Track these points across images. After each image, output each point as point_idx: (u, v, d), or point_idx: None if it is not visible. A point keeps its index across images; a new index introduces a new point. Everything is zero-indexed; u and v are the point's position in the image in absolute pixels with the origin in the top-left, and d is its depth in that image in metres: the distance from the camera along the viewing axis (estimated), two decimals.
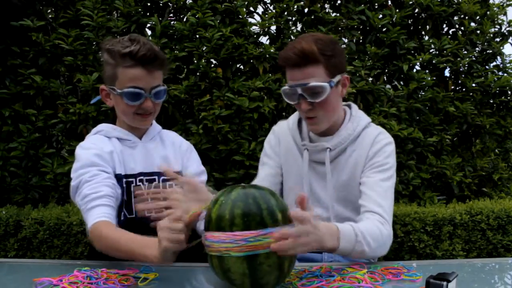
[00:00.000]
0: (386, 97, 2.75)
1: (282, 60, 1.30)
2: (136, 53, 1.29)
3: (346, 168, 1.37)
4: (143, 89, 1.32)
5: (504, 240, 2.42)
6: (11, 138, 2.54)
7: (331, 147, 1.36)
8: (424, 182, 2.73)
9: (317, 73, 1.26)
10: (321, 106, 1.30)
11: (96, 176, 1.28)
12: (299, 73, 1.27)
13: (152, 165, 1.42)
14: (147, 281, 1.04)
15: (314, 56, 1.25)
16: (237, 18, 2.68)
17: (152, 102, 1.35)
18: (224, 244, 0.89)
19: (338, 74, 1.31)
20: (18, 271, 1.22)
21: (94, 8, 2.59)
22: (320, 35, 1.33)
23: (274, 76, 2.64)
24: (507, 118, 3.01)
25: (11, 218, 2.24)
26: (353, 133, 1.37)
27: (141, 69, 1.31)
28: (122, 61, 1.31)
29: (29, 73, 2.54)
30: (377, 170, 1.32)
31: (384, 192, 1.29)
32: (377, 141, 1.36)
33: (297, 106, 1.33)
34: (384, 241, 1.20)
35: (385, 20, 2.81)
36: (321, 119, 1.33)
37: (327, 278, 1.00)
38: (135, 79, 1.31)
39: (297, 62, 1.26)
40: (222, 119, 2.51)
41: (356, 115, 1.41)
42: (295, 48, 1.26)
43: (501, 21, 3.07)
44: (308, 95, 1.28)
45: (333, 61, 1.28)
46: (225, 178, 2.47)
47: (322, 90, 1.26)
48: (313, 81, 1.26)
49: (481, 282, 1.12)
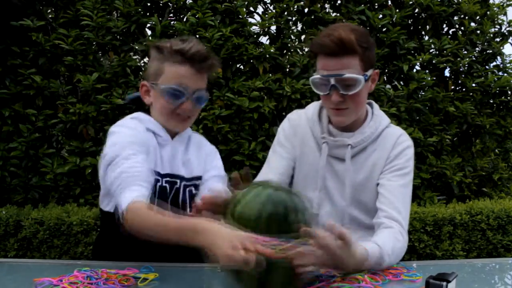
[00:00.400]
0: (386, 97, 2.75)
1: (317, 46, 1.23)
2: (187, 50, 1.25)
3: (364, 168, 1.32)
4: (186, 89, 1.27)
5: (504, 240, 2.42)
6: (11, 138, 2.54)
7: (353, 144, 1.31)
8: (424, 182, 2.73)
9: (353, 64, 1.21)
10: (352, 99, 1.24)
11: (135, 155, 1.19)
12: (334, 63, 1.21)
13: (176, 168, 1.34)
14: (147, 281, 1.04)
15: (352, 46, 1.19)
16: (237, 18, 2.68)
17: (192, 105, 1.28)
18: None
19: (371, 68, 1.27)
20: (18, 271, 1.22)
21: (94, 8, 2.59)
22: (354, 26, 1.28)
23: (274, 76, 2.64)
24: (507, 118, 3.01)
25: (11, 218, 2.24)
26: (375, 132, 1.33)
27: (188, 68, 1.26)
28: (171, 57, 1.27)
29: (29, 73, 2.54)
30: (398, 174, 1.29)
31: (403, 199, 1.27)
32: (399, 142, 1.33)
33: (326, 97, 1.27)
34: (401, 253, 1.18)
35: (385, 20, 2.81)
36: (350, 112, 1.28)
37: (327, 278, 1.00)
38: (181, 77, 1.26)
39: (334, 51, 1.20)
40: (222, 119, 2.51)
41: (378, 114, 1.38)
42: (332, 36, 1.19)
43: (501, 21, 3.08)
44: (341, 87, 1.22)
45: (368, 54, 1.24)
46: None
47: (356, 83, 1.21)
48: (348, 72, 1.20)
49: (481, 282, 1.12)
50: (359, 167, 1.33)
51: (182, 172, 1.34)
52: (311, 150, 1.37)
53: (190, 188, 1.35)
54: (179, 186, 1.35)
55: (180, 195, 1.35)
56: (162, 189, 1.30)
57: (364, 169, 1.33)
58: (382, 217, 1.24)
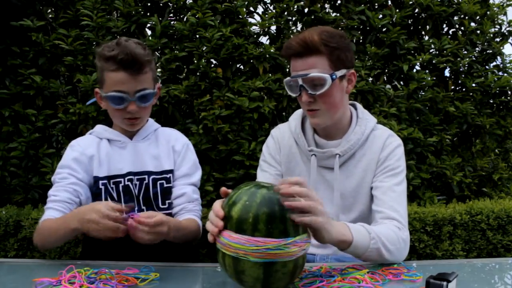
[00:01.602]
0: (386, 97, 2.75)
1: (284, 49, 1.28)
2: (116, 56, 1.31)
3: (355, 174, 1.33)
4: (126, 93, 1.33)
5: (504, 240, 2.42)
6: (11, 138, 2.54)
7: (340, 153, 1.32)
8: (424, 182, 2.72)
9: (319, 64, 1.23)
10: (322, 99, 1.26)
11: (64, 179, 1.38)
12: (300, 63, 1.25)
13: (142, 165, 1.44)
14: (147, 281, 1.04)
15: (315, 46, 1.22)
16: (237, 18, 2.68)
17: (137, 106, 1.36)
18: (243, 247, 0.88)
19: (343, 68, 1.27)
20: (18, 271, 1.22)
21: (94, 8, 2.59)
22: (328, 28, 1.30)
23: (274, 76, 2.64)
24: (507, 118, 3.01)
25: (11, 218, 2.24)
26: (361, 137, 1.33)
27: (123, 73, 1.32)
28: (106, 65, 1.34)
29: (29, 73, 2.54)
30: (390, 174, 1.30)
31: (398, 197, 1.27)
32: (387, 144, 1.33)
33: (299, 99, 1.30)
34: (402, 246, 1.18)
35: (385, 20, 2.81)
36: (323, 113, 1.29)
37: (328, 278, 1.00)
38: (118, 83, 1.33)
39: (299, 52, 1.24)
40: (222, 119, 2.51)
41: (363, 117, 1.37)
42: (297, 38, 1.24)
43: (501, 21, 3.07)
44: (309, 87, 1.24)
45: (337, 54, 1.25)
46: (225, 178, 2.47)
47: (324, 82, 1.23)
48: (314, 72, 1.23)
49: (481, 282, 1.12)
50: (349, 174, 1.34)
51: (150, 167, 1.45)
52: (297, 164, 1.39)
53: (161, 182, 1.44)
54: (148, 181, 1.43)
55: (151, 189, 1.43)
56: (126, 188, 1.40)
57: (356, 175, 1.33)
58: (378, 218, 1.24)
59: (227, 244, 0.90)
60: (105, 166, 1.41)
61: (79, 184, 1.39)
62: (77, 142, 1.49)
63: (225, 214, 0.93)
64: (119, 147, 1.44)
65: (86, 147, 1.45)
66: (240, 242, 0.88)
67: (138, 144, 1.46)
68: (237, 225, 0.90)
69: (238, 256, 0.89)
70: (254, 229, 0.88)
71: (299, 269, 0.94)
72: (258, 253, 0.87)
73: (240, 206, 0.91)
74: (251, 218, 0.89)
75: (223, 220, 0.92)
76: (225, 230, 0.92)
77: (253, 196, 0.92)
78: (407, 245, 1.21)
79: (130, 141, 1.45)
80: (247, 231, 0.89)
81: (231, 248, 0.90)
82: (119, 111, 1.37)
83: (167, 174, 1.45)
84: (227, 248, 0.91)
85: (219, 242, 0.93)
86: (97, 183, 1.40)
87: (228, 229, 0.91)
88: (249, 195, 0.92)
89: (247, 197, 0.92)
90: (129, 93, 1.34)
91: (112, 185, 1.40)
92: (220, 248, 0.93)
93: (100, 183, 1.40)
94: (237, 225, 0.90)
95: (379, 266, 1.13)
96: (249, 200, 0.91)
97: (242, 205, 0.91)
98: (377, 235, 1.11)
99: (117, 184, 1.40)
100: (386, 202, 1.25)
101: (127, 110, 1.36)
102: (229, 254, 0.91)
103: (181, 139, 1.56)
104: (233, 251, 0.89)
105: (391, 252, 1.13)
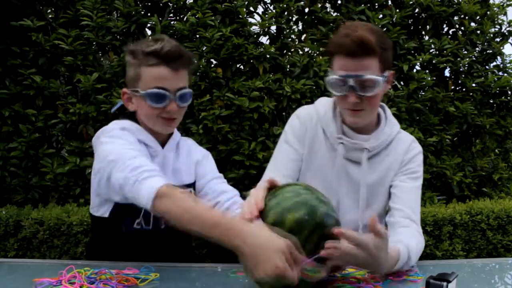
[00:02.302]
0: (386, 97, 2.75)
1: (335, 46, 1.21)
2: (160, 50, 1.22)
3: (377, 171, 1.32)
4: (168, 90, 1.23)
5: (504, 240, 2.42)
6: (11, 138, 2.54)
7: (370, 149, 1.30)
8: (424, 182, 2.71)
9: (373, 65, 1.19)
10: (369, 101, 1.22)
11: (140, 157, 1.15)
12: (354, 63, 1.18)
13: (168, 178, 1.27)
14: (147, 281, 1.04)
15: (372, 47, 1.17)
16: (237, 18, 2.68)
17: (177, 105, 1.26)
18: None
19: (387, 69, 1.25)
20: (18, 271, 1.22)
21: (94, 8, 2.59)
22: (372, 26, 1.25)
23: (274, 76, 2.64)
24: (507, 118, 3.01)
25: (11, 218, 2.24)
26: (388, 138, 1.33)
27: (166, 68, 1.22)
28: (145, 60, 1.23)
29: (29, 73, 2.54)
30: (411, 177, 1.31)
31: (416, 201, 1.28)
32: (411, 148, 1.34)
33: (342, 98, 1.24)
34: (420, 253, 1.18)
35: (385, 20, 2.81)
36: (366, 114, 1.26)
37: (328, 278, 1.00)
38: (159, 79, 1.23)
39: (354, 51, 1.17)
40: (222, 119, 2.51)
41: (391, 119, 1.37)
42: (352, 36, 1.16)
43: (501, 21, 3.08)
44: (360, 88, 1.20)
45: (386, 55, 1.22)
46: (225, 178, 2.47)
47: (375, 85, 1.19)
48: (368, 73, 1.18)
49: (481, 282, 1.12)
50: (372, 171, 1.32)
51: (172, 181, 1.24)
52: (320, 150, 1.34)
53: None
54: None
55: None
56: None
57: (377, 172, 1.32)
58: (397, 216, 1.24)
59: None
60: None
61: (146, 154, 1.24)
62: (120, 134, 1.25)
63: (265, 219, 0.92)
64: (151, 155, 1.29)
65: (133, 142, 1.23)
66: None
67: (168, 155, 1.35)
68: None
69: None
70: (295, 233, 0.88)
71: None
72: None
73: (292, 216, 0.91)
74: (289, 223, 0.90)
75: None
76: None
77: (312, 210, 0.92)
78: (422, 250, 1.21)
79: (161, 150, 1.33)
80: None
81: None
82: (156, 110, 1.25)
83: (186, 189, 1.33)
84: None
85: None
86: None
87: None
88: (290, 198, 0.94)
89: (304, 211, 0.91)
90: (171, 91, 1.24)
91: None
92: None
93: None
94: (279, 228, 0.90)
95: None
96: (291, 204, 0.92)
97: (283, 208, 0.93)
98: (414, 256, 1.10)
99: None
100: (406, 202, 1.26)
101: (166, 109, 1.25)
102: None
103: (200, 149, 1.47)
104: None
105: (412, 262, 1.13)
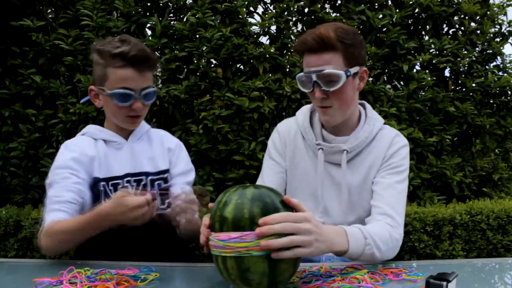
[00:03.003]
0: (386, 97, 2.75)
1: (299, 44, 1.27)
2: (127, 53, 1.29)
3: (360, 171, 1.33)
4: (133, 90, 1.32)
5: (504, 240, 2.42)
6: (11, 138, 2.54)
7: (348, 150, 1.31)
8: (424, 182, 2.73)
9: (334, 60, 1.23)
10: (336, 96, 1.25)
11: (66, 179, 1.31)
12: (315, 59, 1.24)
13: (139, 166, 1.42)
14: (147, 281, 1.04)
15: (331, 42, 1.22)
16: (237, 18, 2.68)
17: (142, 104, 1.35)
18: (245, 244, 0.87)
19: (356, 66, 1.28)
20: (18, 271, 1.22)
21: (94, 8, 2.59)
22: (342, 25, 1.30)
23: (274, 76, 2.64)
24: (507, 118, 3.01)
25: (11, 218, 2.24)
26: (369, 135, 1.33)
27: (131, 70, 1.30)
28: (112, 62, 1.31)
29: (29, 73, 2.54)
30: (392, 172, 1.30)
31: (398, 194, 1.27)
32: (394, 142, 1.33)
33: (311, 95, 1.29)
34: (394, 245, 1.18)
35: (385, 20, 2.81)
36: (335, 110, 1.28)
37: (327, 278, 1.00)
38: (125, 80, 1.31)
39: (314, 47, 1.23)
40: (222, 119, 2.51)
41: (372, 116, 1.38)
42: (313, 33, 1.23)
43: (501, 21, 3.08)
44: (323, 83, 1.23)
45: (352, 51, 1.25)
46: (225, 178, 2.47)
47: (338, 79, 1.22)
48: (329, 68, 1.22)
49: (481, 282, 1.11)
50: (355, 171, 1.33)
51: (147, 168, 1.43)
52: (302, 159, 1.38)
53: (159, 182, 1.43)
54: (145, 182, 1.41)
55: (149, 190, 1.40)
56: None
57: (360, 171, 1.33)
58: (374, 213, 1.25)
59: (226, 246, 0.89)
60: (104, 168, 1.39)
61: (81, 183, 1.34)
62: (72, 142, 1.43)
63: (217, 218, 0.92)
64: (115, 148, 1.41)
65: (84, 147, 1.40)
66: (240, 239, 0.88)
67: (134, 145, 1.44)
68: (233, 224, 0.90)
69: (240, 254, 0.88)
70: (252, 224, 0.88)
71: (300, 258, 0.94)
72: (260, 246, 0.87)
73: (232, 205, 0.91)
74: (247, 214, 0.89)
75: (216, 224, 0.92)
76: (221, 232, 0.91)
77: (243, 194, 0.92)
78: (399, 244, 1.21)
79: (126, 142, 1.43)
80: (245, 228, 0.88)
81: (231, 248, 0.89)
82: (122, 109, 1.35)
83: (164, 174, 1.45)
84: (227, 250, 0.89)
85: (216, 248, 0.92)
86: (97, 184, 1.38)
87: (225, 231, 0.90)
88: (238, 194, 0.92)
89: (237, 197, 0.92)
90: (136, 91, 1.32)
91: (111, 187, 1.38)
92: (219, 253, 0.91)
93: (100, 184, 1.38)
94: (234, 224, 0.90)
95: (379, 266, 1.13)
96: (240, 198, 0.91)
97: (234, 204, 0.91)
98: (373, 239, 1.11)
99: (115, 186, 1.38)
100: (385, 198, 1.26)
101: (132, 107, 1.34)
102: (230, 256, 0.89)
103: (174, 139, 1.56)
104: (233, 250, 0.89)
105: (382, 252, 1.13)
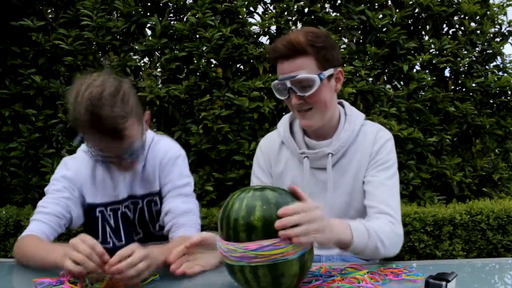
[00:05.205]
0: (386, 97, 2.75)
1: (271, 52, 1.27)
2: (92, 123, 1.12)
3: (349, 171, 1.32)
4: (111, 157, 1.23)
5: (504, 240, 2.42)
6: (11, 138, 2.54)
7: (333, 152, 1.31)
8: (424, 182, 2.72)
9: (307, 65, 1.22)
10: (312, 100, 1.24)
11: (57, 191, 1.30)
12: (287, 65, 1.23)
13: (135, 189, 1.36)
14: (147, 281, 1.04)
15: (302, 47, 1.21)
16: (237, 18, 2.68)
17: (127, 162, 1.26)
18: (280, 250, 0.85)
19: (331, 68, 1.26)
20: (18, 271, 1.22)
21: (94, 8, 2.59)
22: (312, 29, 1.28)
23: (274, 76, 2.64)
24: (507, 118, 3.01)
25: (11, 218, 2.24)
26: (352, 134, 1.32)
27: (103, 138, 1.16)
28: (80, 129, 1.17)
29: (29, 73, 2.54)
30: (381, 168, 1.29)
31: (390, 191, 1.27)
32: (378, 138, 1.32)
33: (288, 102, 1.28)
34: (396, 240, 1.18)
35: (385, 20, 2.81)
36: (314, 113, 1.27)
37: (327, 278, 1.00)
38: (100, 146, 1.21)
39: (285, 53, 1.22)
40: (222, 119, 2.51)
41: (352, 114, 1.37)
42: (283, 40, 1.23)
43: (501, 21, 3.08)
44: (298, 89, 1.22)
45: (324, 53, 1.24)
46: (225, 178, 2.47)
47: (312, 83, 1.21)
48: (302, 73, 1.21)
49: (481, 282, 1.11)
50: (344, 172, 1.32)
51: (140, 191, 1.36)
52: (290, 169, 1.37)
53: (154, 202, 1.39)
54: (142, 205, 1.38)
55: (146, 212, 1.38)
56: (123, 214, 1.36)
57: (350, 172, 1.32)
58: (372, 213, 1.24)
59: (258, 255, 0.85)
60: (101, 192, 1.34)
61: (72, 199, 1.30)
62: (71, 161, 1.36)
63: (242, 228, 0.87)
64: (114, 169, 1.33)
65: (79, 167, 1.33)
66: (275, 245, 0.85)
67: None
68: (264, 231, 0.86)
69: (275, 261, 0.86)
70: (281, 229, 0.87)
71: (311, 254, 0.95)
72: (294, 250, 0.86)
73: (259, 213, 0.87)
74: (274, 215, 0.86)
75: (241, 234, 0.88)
76: (248, 242, 0.86)
77: (265, 199, 0.89)
78: (401, 240, 1.21)
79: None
80: (275, 233, 0.86)
81: (265, 256, 0.85)
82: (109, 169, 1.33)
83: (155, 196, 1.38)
84: (259, 259, 0.86)
85: (242, 259, 0.87)
86: (94, 210, 1.34)
87: (254, 240, 0.86)
88: (260, 199, 0.88)
89: (261, 202, 0.88)
90: (113, 155, 1.22)
91: (110, 211, 1.35)
92: (247, 264, 0.87)
93: (97, 210, 1.34)
94: (264, 231, 0.86)
95: (379, 266, 1.13)
96: (265, 204, 0.88)
97: (261, 211, 0.87)
98: (376, 232, 1.11)
99: (115, 211, 1.35)
100: (379, 197, 1.25)
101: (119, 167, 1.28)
102: (262, 264, 0.86)
103: (169, 152, 1.40)
104: (269, 258, 0.85)
105: (386, 247, 1.13)
